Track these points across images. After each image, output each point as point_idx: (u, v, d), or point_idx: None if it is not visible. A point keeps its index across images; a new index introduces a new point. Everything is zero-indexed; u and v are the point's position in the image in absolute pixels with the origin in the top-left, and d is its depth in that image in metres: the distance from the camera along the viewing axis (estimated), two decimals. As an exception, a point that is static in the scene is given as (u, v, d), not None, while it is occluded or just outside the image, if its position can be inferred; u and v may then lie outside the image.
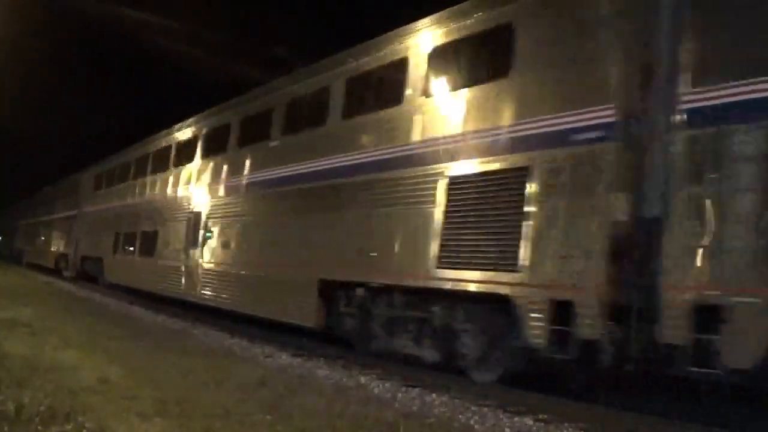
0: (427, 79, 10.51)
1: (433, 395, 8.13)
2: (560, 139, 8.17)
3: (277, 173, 13.95)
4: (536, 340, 7.90)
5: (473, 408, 7.48)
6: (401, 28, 11.37)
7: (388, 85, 11.31)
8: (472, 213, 9.10)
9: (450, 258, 9.27)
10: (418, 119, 10.50)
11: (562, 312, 7.67)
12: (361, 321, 11.22)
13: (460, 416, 7.05)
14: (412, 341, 10.30)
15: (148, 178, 22.18)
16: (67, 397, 5.68)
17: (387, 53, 11.53)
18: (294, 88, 14.24)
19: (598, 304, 7.37)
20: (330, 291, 11.76)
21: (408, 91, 10.77)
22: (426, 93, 10.50)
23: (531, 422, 6.99)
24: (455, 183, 9.48)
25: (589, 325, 7.38)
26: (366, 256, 10.85)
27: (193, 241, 17.07)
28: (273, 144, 14.38)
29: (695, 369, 6.56)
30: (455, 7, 10.28)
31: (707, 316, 6.46)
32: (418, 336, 10.21)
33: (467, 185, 9.28)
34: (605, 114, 7.74)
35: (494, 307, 8.69)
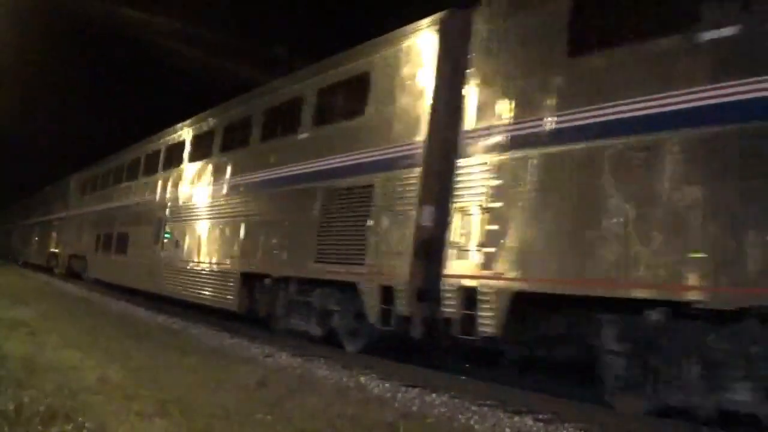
0: (316, 113, 13.20)
1: (433, 395, 8.13)
2: (390, 164, 10.71)
3: (196, 188, 17.92)
4: (373, 316, 10.36)
5: (473, 408, 7.48)
6: (299, 72, 14.66)
7: (290, 117, 14.06)
8: (336, 221, 11.73)
9: (323, 255, 11.79)
10: (310, 146, 13.11)
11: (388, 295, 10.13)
12: (270, 305, 13.70)
13: (459, 416, 7.05)
14: (304, 320, 12.66)
15: (123, 185, 25.34)
16: (67, 397, 5.69)
17: (287, 93, 14.60)
18: (200, 124, 19.06)
19: (408, 289, 9.78)
20: (249, 282, 14.33)
21: (304, 124, 13.48)
22: (315, 124, 13.14)
23: (531, 422, 6.99)
24: (326, 198, 12.11)
25: (404, 304, 9.81)
26: (271, 254, 13.59)
27: (155, 240, 20.02)
28: (209, 162, 17.78)
29: (463, 336, 8.82)
30: (335, 57, 13.12)
31: (471, 297, 8.76)
32: (308, 316, 12.56)
33: (333, 199, 11.92)
34: (413, 147, 10.36)
35: (353, 292, 10.92)
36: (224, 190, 16.28)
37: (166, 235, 19.18)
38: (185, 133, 19.90)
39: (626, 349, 7.51)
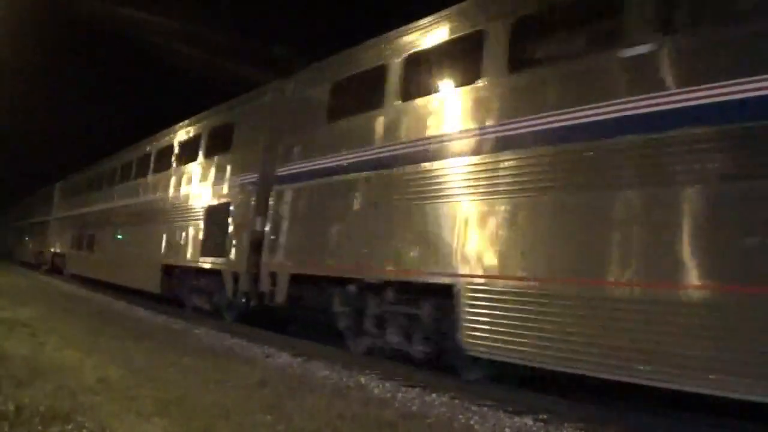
0: (204, 149, 17.89)
1: (433, 395, 8.13)
2: (241, 186, 15.01)
3: (137, 200, 22.72)
4: (230, 293, 14.61)
5: (473, 408, 7.48)
6: (192, 118, 19.60)
7: (190, 150, 18.98)
8: (212, 226, 16.07)
9: (205, 251, 16.15)
10: (199, 174, 17.74)
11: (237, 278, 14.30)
12: (180, 288, 18.16)
13: (460, 416, 7.05)
14: (201, 299, 16.98)
15: (91, 194, 29.82)
16: (67, 397, 5.70)
17: (185, 131, 19.71)
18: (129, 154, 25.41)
19: (247, 274, 13.76)
20: (168, 271, 18.43)
21: (198, 156, 18.11)
22: (205, 157, 17.68)
23: (531, 422, 6.99)
24: (206, 212, 16.61)
25: (245, 285, 13.81)
26: (178, 251, 17.84)
27: (110, 240, 24.97)
28: (141, 182, 22.84)
29: (270, 304, 12.76)
30: (216, 108, 17.95)
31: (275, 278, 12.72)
32: (201, 295, 16.95)
33: (210, 213, 16.38)
34: (253, 177, 14.51)
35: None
36: (151, 204, 21.18)
37: (118, 236, 24.27)
38: (131, 155, 25.19)
39: (345, 310, 11.37)
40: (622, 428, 6.91)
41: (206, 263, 16.00)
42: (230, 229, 15.07)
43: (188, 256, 17.18)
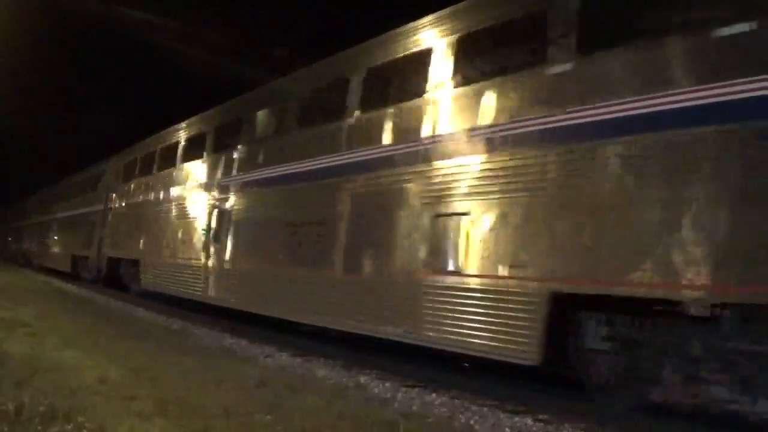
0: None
1: (433, 395, 8.14)
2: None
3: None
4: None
5: (473, 407, 7.49)
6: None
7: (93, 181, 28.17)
8: (89, 228, 24.19)
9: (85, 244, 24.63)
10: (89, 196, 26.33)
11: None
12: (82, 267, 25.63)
13: (460, 416, 7.05)
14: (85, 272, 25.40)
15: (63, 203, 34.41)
16: (67, 397, 5.69)
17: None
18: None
19: (95, 259, 23.88)
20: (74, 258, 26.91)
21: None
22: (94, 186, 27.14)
23: (531, 422, 7.00)
24: (90, 218, 24.81)
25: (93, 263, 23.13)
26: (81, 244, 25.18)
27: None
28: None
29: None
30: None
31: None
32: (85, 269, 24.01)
33: (90, 219, 24.89)
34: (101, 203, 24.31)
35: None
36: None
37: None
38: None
39: None
40: (622, 428, 6.91)
41: (84, 252, 26.65)
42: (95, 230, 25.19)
43: (82, 247, 26.89)
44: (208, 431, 5.17)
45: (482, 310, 8.06)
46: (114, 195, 23.90)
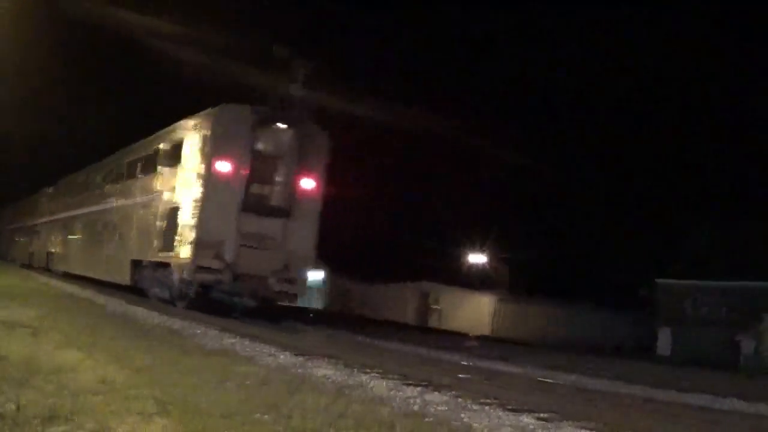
0: None
1: (435, 393, 8.14)
2: None
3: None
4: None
5: (474, 407, 7.48)
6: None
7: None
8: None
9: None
10: None
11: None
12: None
13: (461, 415, 7.04)
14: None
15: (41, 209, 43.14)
16: (67, 397, 5.67)
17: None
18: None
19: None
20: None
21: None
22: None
23: (531, 420, 6.99)
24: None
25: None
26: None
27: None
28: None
29: None
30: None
31: None
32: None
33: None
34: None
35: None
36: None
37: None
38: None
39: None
40: (623, 426, 6.91)
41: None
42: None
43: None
44: (209, 431, 5.17)
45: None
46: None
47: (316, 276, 39.34)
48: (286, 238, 18.59)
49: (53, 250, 37.31)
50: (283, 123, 18.86)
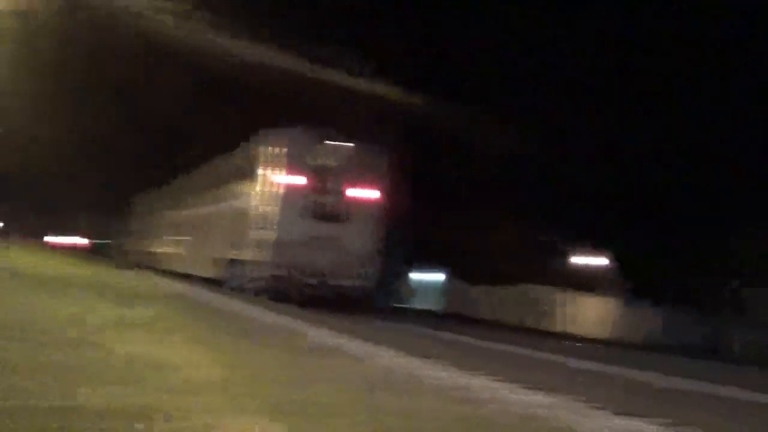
0: None
1: (555, 398, 7.75)
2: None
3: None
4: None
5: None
6: None
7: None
8: None
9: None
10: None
11: None
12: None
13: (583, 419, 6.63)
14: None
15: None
16: (172, 395, 5.60)
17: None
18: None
19: None
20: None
21: None
22: None
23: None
24: None
25: None
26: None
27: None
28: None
29: None
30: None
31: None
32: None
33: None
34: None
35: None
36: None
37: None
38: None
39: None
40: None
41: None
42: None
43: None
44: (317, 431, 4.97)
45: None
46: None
47: (435, 278, 40.35)
48: (348, 240, 22.12)
49: (159, 251, 41.62)
50: (344, 141, 22.94)
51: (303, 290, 21.93)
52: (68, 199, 72.11)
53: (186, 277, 31.75)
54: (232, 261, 25.37)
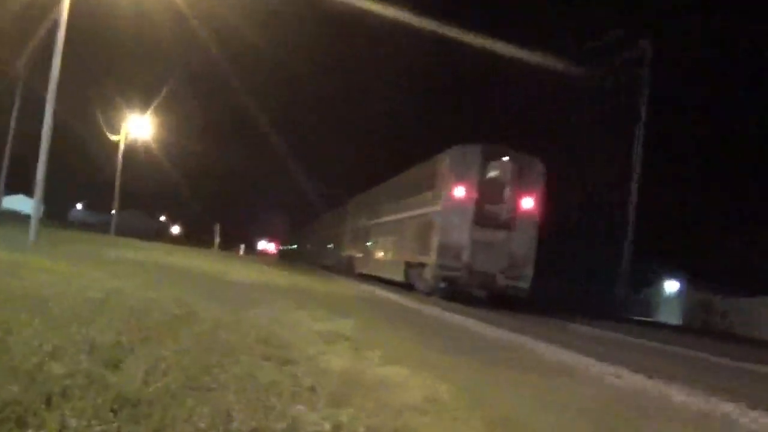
0: None
1: None
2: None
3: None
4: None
5: None
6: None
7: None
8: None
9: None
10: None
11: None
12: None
13: None
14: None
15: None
16: (390, 416, 5.11)
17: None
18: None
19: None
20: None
21: None
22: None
23: None
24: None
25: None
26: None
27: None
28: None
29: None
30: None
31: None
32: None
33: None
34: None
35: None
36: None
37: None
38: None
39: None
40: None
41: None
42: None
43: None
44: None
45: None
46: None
47: (669, 287, 38.74)
48: (509, 245, 25.21)
49: (353, 255, 46.19)
50: (506, 156, 25.69)
51: (481, 290, 26.14)
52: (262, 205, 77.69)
53: (377, 279, 35.32)
54: (420, 265, 28.00)
